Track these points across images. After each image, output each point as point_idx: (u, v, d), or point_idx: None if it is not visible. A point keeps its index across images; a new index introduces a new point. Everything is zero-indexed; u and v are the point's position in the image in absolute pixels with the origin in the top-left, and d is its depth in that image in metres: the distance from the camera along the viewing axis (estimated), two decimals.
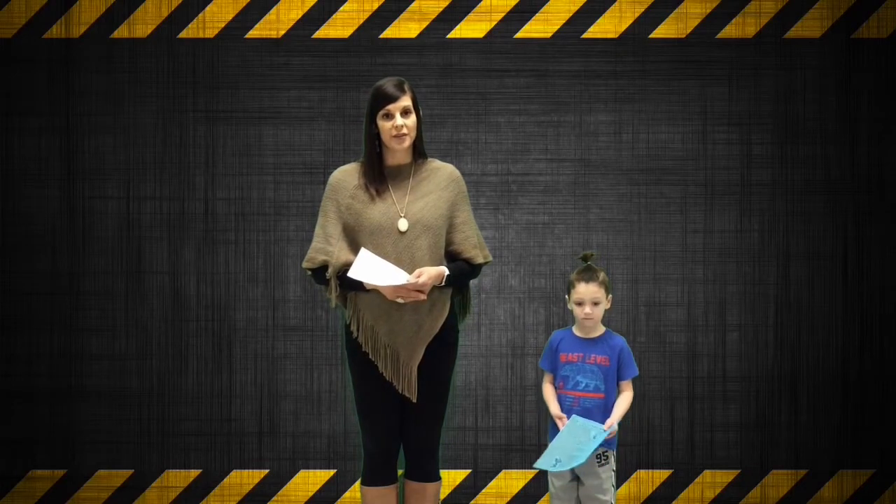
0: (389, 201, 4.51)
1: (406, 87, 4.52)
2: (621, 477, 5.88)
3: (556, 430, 4.62)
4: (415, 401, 4.51)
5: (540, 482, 5.82)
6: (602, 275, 4.64)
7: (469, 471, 5.91)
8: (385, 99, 4.46)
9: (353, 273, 4.40)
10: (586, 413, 4.55)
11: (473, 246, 4.59)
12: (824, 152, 5.92)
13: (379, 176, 4.54)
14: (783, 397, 5.92)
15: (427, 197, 4.54)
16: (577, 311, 4.65)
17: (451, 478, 5.93)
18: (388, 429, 4.56)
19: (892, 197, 5.91)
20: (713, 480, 5.93)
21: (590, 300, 4.62)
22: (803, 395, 5.92)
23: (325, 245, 4.50)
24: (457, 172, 4.65)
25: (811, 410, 5.92)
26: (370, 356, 4.50)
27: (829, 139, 5.91)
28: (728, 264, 5.93)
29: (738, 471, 5.93)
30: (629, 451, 5.90)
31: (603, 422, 4.55)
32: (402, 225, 4.48)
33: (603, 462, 4.60)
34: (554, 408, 4.63)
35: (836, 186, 5.92)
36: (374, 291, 4.46)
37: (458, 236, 4.58)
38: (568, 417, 4.57)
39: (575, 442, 4.49)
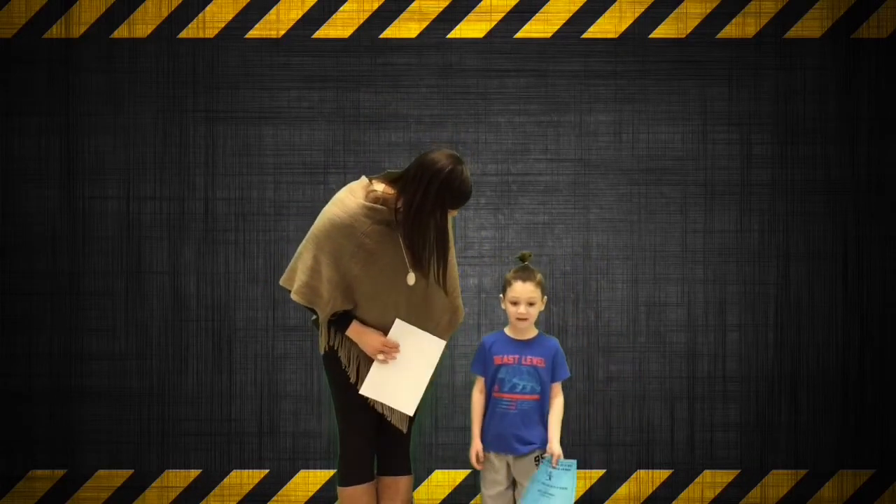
0: (400, 255, 4.47)
1: None
2: (621, 477, 5.88)
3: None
4: (405, 431, 4.59)
5: None
6: (539, 276, 4.61)
7: (469, 471, 5.90)
8: (465, 202, 4.40)
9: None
10: (523, 415, 4.56)
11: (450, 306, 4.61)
12: (824, 152, 5.92)
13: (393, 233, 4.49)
14: (783, 397, 5.91)
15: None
16: (511, 310, 4.62)
17: (451, 478, 5.93)
18: (371, 420, 4.59)
19: (892, 197, 5.91)
20: (713, 480, 5.93)
21: (525, 300, 4.59)
22: (803, 395, 5.92)
23: (319, 286, 4.48)
24: None
25: (811, 410, 5.91)
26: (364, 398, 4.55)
27: (829, 139, 5.91)
28: (728, 264, 5.93)
29: (738, 471, 5.93)
30: (629, 451, 5.89)
31: (539, 423, 4.57)
32: (411, 279, 4.48)
33: (541, 464, 4.60)
34: (475, 437, 4.66)
35: (836, 186, 5.91)
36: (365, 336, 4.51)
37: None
38: (502, 419, 4.60)
39: (548, 490, 4.54)
